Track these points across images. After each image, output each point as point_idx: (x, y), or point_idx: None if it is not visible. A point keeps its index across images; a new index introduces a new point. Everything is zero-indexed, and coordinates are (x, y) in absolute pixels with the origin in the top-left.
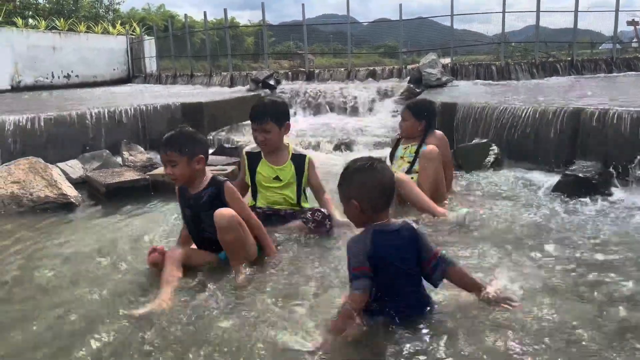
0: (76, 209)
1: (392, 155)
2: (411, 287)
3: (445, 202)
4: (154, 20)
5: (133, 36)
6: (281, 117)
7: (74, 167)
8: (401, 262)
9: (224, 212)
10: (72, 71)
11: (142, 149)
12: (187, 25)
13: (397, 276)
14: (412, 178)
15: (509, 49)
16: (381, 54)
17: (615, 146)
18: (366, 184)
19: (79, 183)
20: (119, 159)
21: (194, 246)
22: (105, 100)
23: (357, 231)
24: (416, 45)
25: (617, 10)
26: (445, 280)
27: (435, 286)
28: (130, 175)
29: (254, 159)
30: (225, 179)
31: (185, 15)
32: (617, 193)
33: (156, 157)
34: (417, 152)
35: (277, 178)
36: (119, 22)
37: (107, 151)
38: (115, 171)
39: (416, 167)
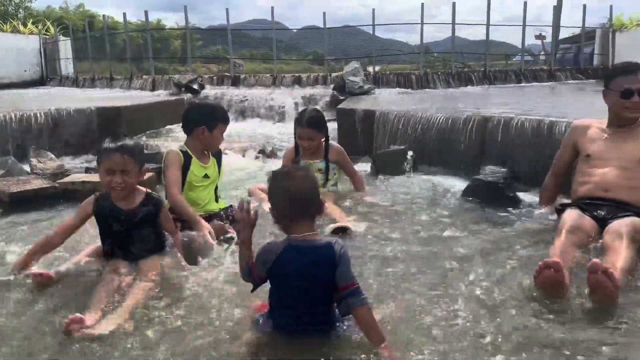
0: None
1: None
2: (303, 303)
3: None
4: (72, 20)
5: (47, 36)
6: None
7: None
8: (302, 280)
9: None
10: None
11: (53, 156)
12: (105, 27)
13: (294, 291)
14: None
15: (431, 59)
16: (310, 61)
17: (519, 152)
18: (280, 192)
19: None
20: (26, 167)
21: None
22: (14, 103)
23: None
24: (344, 53)
25: (524, 25)
26: None
27: (341, 316)
28: (37, 184)
29: (186, 158)
30: (162, 198)
31: (104, 15)
32: (521, 196)
33: (70, 163)
34: (327, 168)
35: (206, 176)
36: (31, 20)
37: (13, 158)
38: (22, 179)
39: (331, 181)
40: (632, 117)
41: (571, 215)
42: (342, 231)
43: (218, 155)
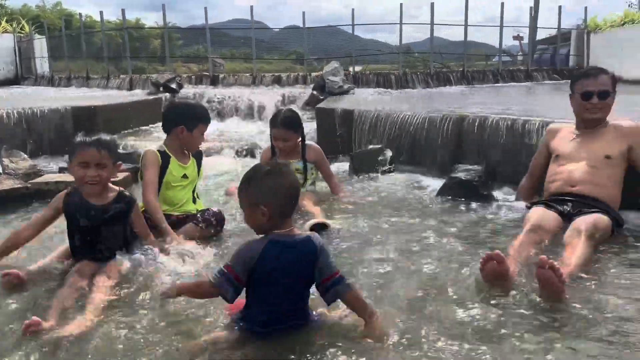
0: None
1: None
2: (288, 300)
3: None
4: (49, 19)
5: (22, 34)
6: None
7: None
8: (287, 277)
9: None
10: None
11: (26, 156)
12: (82, 25)
13: (276, 288)
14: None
15: (411, 59)
16: (292, 61)
17: (494, 150)
18: (276, 189)
19: None
20: None
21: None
22: None
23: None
24: (325, 53)
25: (501, 26)
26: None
27: (327, 304)
28: (9, 184)
29: (164, 158)
30: (134, 197)
31: (80, 14)
32: (495, 194)
33: (44, 163)
34: (305, 169)
35: (184, 176)
36: (5, 19)
37: None
38: None
39: (309, 180)
40: (593, 118)
41: (535, 214)
42: (320, 228)
43: (198, 156)
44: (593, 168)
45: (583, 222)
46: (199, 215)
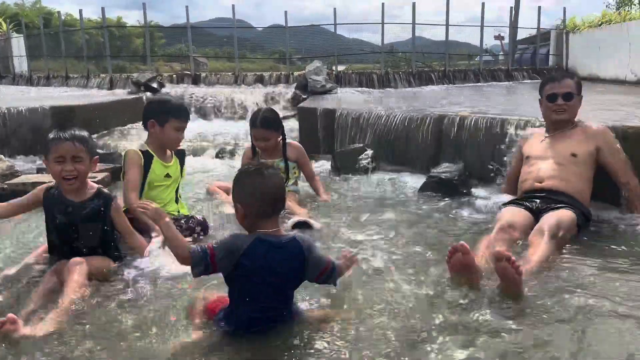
0: None
1: None
2: (274, 299)
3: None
4: (28, 17)
5: None
6: None
7: None
8: (274, 276)
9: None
10: None
11: (2, 156)
12: (61, 23)
13: (263, 287)
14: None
15: (394, 58)
16: (276, 60)
17: (473, 149)
18: (250, 189)
19: None
20: None
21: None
22: None
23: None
24: (309, 52)
25: (482, 26)
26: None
27: (335, 286)
28: None
29: (146, 158)
30: (115, 194)
31: (59, 12)
32: (474, 191)
33: (21, 164)
34: (286, 168)
35: (167, 175)
36: None
37: None
38: None
39: (291, 180)
40: (560, 119)
41: (507, 213)
42: (302, 226)
43: (181, 155)
44: (559, 165)
45: (547, 222)
46: (183, 221)
